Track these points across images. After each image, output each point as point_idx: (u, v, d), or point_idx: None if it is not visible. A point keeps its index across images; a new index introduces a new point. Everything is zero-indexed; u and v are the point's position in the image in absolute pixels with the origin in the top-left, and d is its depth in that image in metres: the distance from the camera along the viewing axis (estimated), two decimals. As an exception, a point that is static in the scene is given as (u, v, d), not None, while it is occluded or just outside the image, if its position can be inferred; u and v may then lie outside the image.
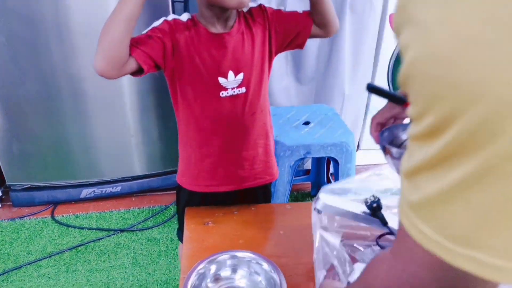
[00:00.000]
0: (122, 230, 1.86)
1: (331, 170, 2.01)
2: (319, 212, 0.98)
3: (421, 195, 0.34)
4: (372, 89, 0.74)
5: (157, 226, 1.89)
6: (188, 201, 1.15)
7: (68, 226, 1.86)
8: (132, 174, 2.04)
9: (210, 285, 0.86)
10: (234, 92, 0.97)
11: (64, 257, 1.69)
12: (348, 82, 1.91)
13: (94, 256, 1.71)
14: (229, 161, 1.05)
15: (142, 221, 1.92)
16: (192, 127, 1.01)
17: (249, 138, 1.04)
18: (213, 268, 0.88)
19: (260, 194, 1.18)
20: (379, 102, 2.00)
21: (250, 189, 1.12)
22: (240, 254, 0.92)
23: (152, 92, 1.88)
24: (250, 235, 1.08)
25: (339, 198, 1.00)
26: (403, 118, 0.75)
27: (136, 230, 1.87)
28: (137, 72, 0.90)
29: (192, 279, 0.84)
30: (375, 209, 0.96)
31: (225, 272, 0.89)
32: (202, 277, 0.86)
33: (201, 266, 0.87)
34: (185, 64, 0.94)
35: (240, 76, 0.97)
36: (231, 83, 0.97)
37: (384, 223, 0.97)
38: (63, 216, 1.92)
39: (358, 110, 2.02)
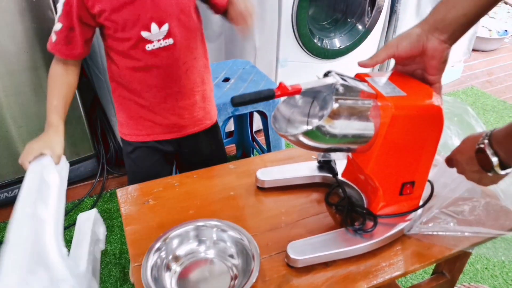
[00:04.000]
0: (32, 238, 1.58)
1: (254, 127, 1.95)
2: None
3: None
4: (238, 102, 0.66)
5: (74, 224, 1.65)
6: (131, 153, 1.11)
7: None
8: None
9: (173, 265, 0.74)
10: (160, 44, 0.90)
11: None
12: (257, 34, 1.83)
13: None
14: (167, 111, 1.02)
15: (56, 222, 1.65)
16: (125, 79, 0.97)
17: (185, 88, 1.00)
18: (171, 244, 0.76)
19: (202, 138, 1.14)
20: (288, 53, 1.96)
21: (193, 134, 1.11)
22: (197, 224, 0.80)
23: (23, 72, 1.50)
24: (199, 204, 0.97)
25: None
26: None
27: (50, 233, 1.60)
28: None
29: (151, 262, 0.70)
30: (325, 163, 0.95)
31: (187, 246, 0.77)
32: (163, 257, 0.73)
33: (157, 246, 0.74)
34: (105, 21, 0.89)
35: (165, 27, 0.90)
36: (155, 35, 0.90)
37: (334, 174, 0.94)
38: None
39: (271, 62, 1.96)
